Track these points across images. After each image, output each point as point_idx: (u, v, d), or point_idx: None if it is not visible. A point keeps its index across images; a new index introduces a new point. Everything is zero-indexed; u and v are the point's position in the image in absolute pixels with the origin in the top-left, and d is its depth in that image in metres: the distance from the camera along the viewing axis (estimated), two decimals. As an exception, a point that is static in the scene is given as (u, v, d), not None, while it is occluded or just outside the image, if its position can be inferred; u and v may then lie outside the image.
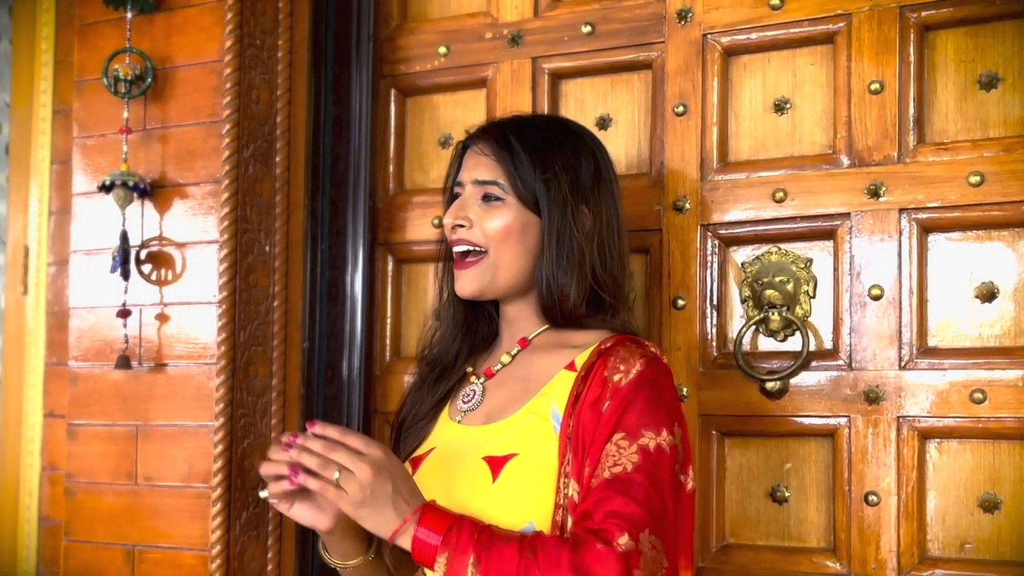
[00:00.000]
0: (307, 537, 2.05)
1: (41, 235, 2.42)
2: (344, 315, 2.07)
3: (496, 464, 1.33)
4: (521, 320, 1.48)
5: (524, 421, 1.36)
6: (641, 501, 1.23)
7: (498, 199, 1.42)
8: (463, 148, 1.51)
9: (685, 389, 1.77)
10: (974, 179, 1.64)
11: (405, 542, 1.22)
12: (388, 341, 2.07)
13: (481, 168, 1.44)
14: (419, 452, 1.46)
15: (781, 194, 1.75)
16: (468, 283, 1.44)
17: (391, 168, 2.10)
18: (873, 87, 1.71)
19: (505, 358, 1.47)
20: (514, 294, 1.46)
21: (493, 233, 1.42)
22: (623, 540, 1.20)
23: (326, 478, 1.21)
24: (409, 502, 1.23)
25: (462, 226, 1.43)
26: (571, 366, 1.38)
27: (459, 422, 1.45)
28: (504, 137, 1.44)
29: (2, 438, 2.46)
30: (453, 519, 1.23)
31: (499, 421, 1.40)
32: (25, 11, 2.48)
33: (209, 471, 1.95)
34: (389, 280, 2.08)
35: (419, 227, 2.05)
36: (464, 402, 1.47)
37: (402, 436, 1.52)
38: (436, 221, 2.02)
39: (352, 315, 2.06)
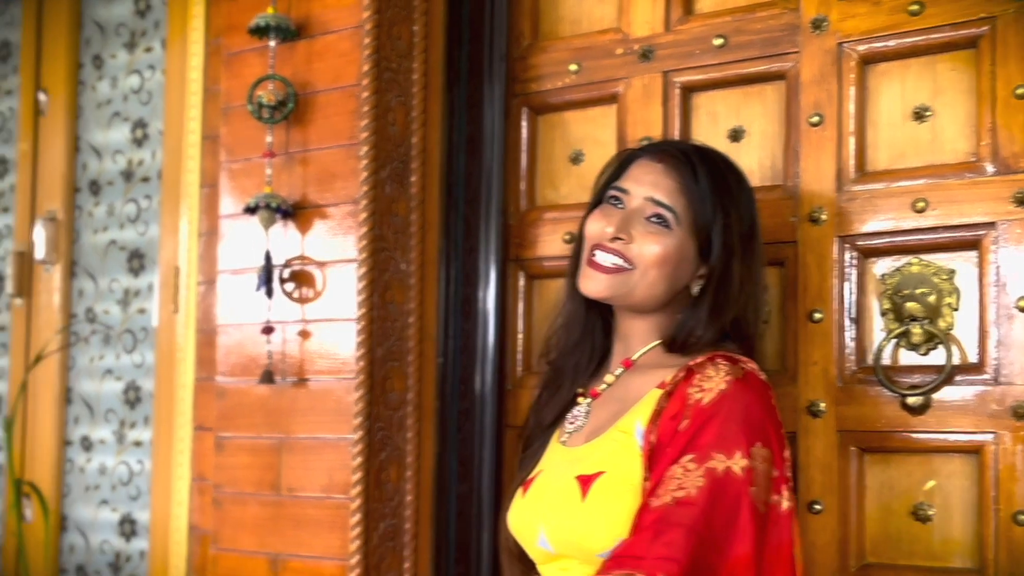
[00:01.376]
0: (442, 550, 2.13)
1: (191, 256, 2.57)
2: (477, 330, 2.14)
3: (585, 482, 1.36)
4: (634, 337, 1.51)
5: (612, 440, 1.40)
6: (698, 532, 1.23)
7: (667, 225, 1.44)
8: (631, 156, 1.54)
9: (823, 404, 1.77)
10: None
11: None
12: (520, 356, 2.14)
13: (661, 189, 1.45)
14: (532, 473, 1.52)
15: (922, 204, 1.73)
16: (599, 285, 1.45)
17: (522, 185, 2.17)
18: (1019, 92, 1.68)
19: (609, 378, 1.51)
20: (637, 311, 1.49)
21: (650, 257, 1.43)
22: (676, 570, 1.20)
23: None
24: None
25: (622, 239, 1.45)
26: (662, 384, 1.41)
27: (564, 443, 1.50)
28: (691, 166, 1.46)
29: (155, 450, 2.63)
30: None
31: (592, 441, 1.44)
32: (176, 43, 2.66)
33: (348, 483, 2.05)
34: (520, 295, 2.15)
35: (550, 243, 2.11)
36: (570, 423, 1.51)
37: (523, 461, 1.58)
38: (567, 237, 2.07)
39: (484, 330, 2.13)
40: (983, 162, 1.71)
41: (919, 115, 1.78)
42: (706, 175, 1.45)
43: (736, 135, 1.94)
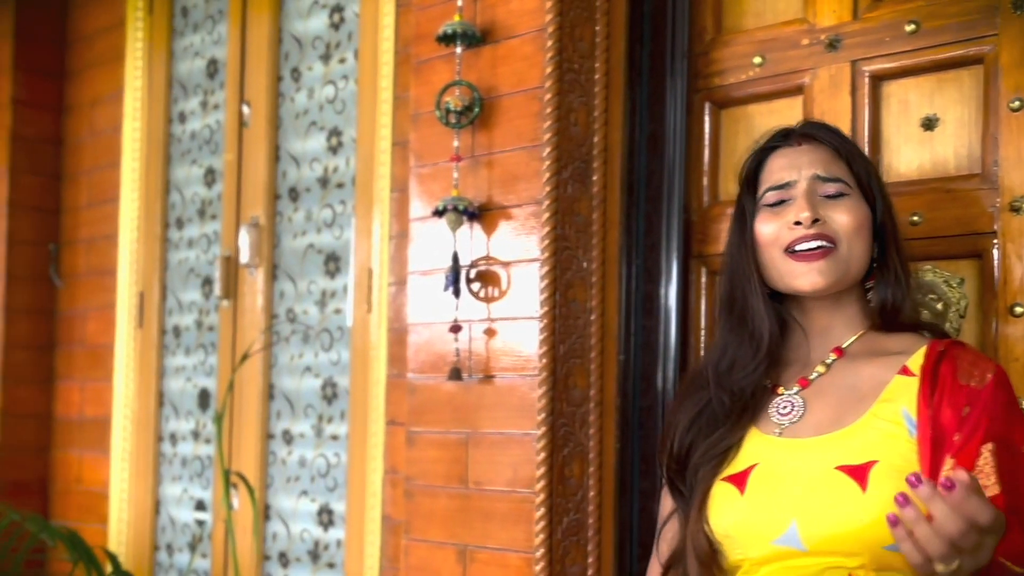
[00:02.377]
0: (625, 545, 2.16)
1: (383, 258, 2.70)
2: (658, 327, 2.16)
3: (857, 473, 1.32)
4: (833, 328, 1.49)
5: (873, 428, 1.36)
6: None
7: (843, 195, 1.46)
8: (759, 158, 1.55)
9: (1025, 403, 1.70)
10: None
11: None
12: (702, 353, 2.14)
13: (819, 164, 1.47)
14: (736, 470, 1.44)
15: None
16: (819, 276, 1.43)
17: (705, 181, 2.17)
18: None
19: (820, 368, 1.48)
20: (835, 296, 1.48)
21: (847, 228, 1.45)
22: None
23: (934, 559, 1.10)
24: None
25: (819, 220, 1.44)
26: (905, 371, 1.39)
27: (779, 435, 1.44)
28: (831, 131, 1.52)
29: (350, 443, 2.78)
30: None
31: (838, 431, 1.39)
32: (368, 54, 2.80)
33: (532, 477, 2.11)
34: (703, 292, 2.15)
35: (734, 239, 2.11)
36: (781, 414, 1.46)
37: (692, 467, 1.48)
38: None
39: (666, 327, 2.15)
40: None
41: None
42: (839, 139, 1.52)
43: (930, 123, 1.89)
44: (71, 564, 2.49)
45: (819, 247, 1.44)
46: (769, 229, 1.48)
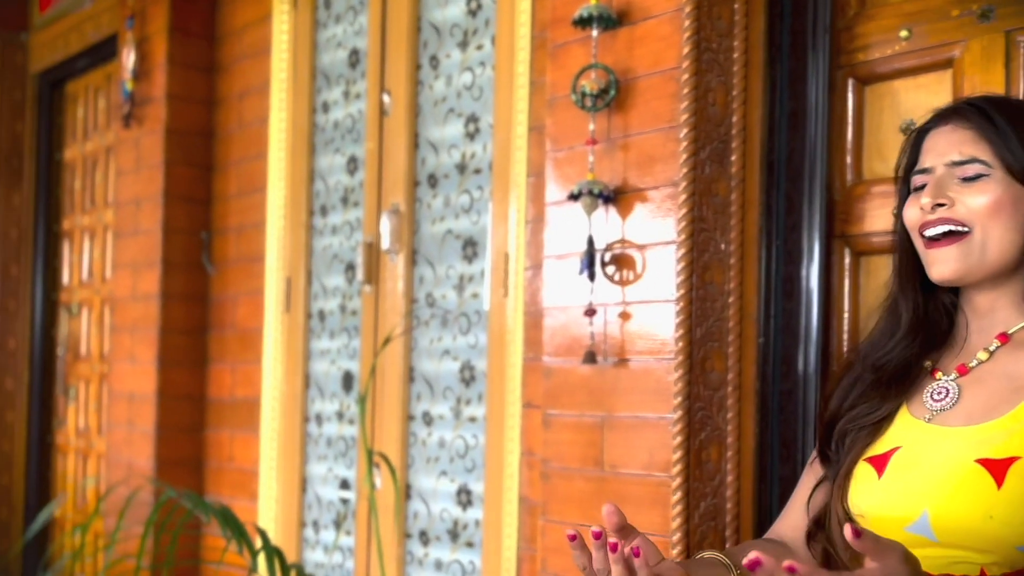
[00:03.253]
0: (764, 531, 2.13)
1: (519, 242, 2.74)
2: (799, 310, 2.12)
3: (997, 468, 1.29)
4: (997, 311, 1.44)
5: (1020, 422, 1.32)
6: None
7: (981, 176, 1.40)
8: (920, 134, 1.51)
9: None
10: None
11: None
12: (846, 336, 2.09)
13: (955, 148, 1.42)
14: (879, 451, 1.43)
15: None
16: (948, 264, 1.41)
17: (848, 159, 2.12)
18: None
19: (982, 354, 1.43)
20: (993, 279, 1.42)
21: (980, 209, 1.39)
22: None
23: None
24: None
25: (942, 204, 1.41)
26: None
27: (928, 420, 1.42)
28: (981, 111, 1.43)
29: (488, 425, 2.83)
30: None
31: (987, 422, 1.35)
32: (504, 39, 2.83)
33: (668, 461, 2.11)
34: (846, 273, 2.11)
35: (878, 218, 2.05)
36: (934, 399, 1.43)
37: (837, 441, 1.50)
38: (896, 212, 2.01)
39: (808, 310, 2.11)
40: None
41: None
42: (1001, 113, 1.41)
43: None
44: (224, 539, 2.62)
45: (947, 232, 1.41)
46: (912, 213, 1.47)
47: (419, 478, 3.07)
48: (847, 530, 1.09)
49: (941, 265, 1.41)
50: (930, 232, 1.42)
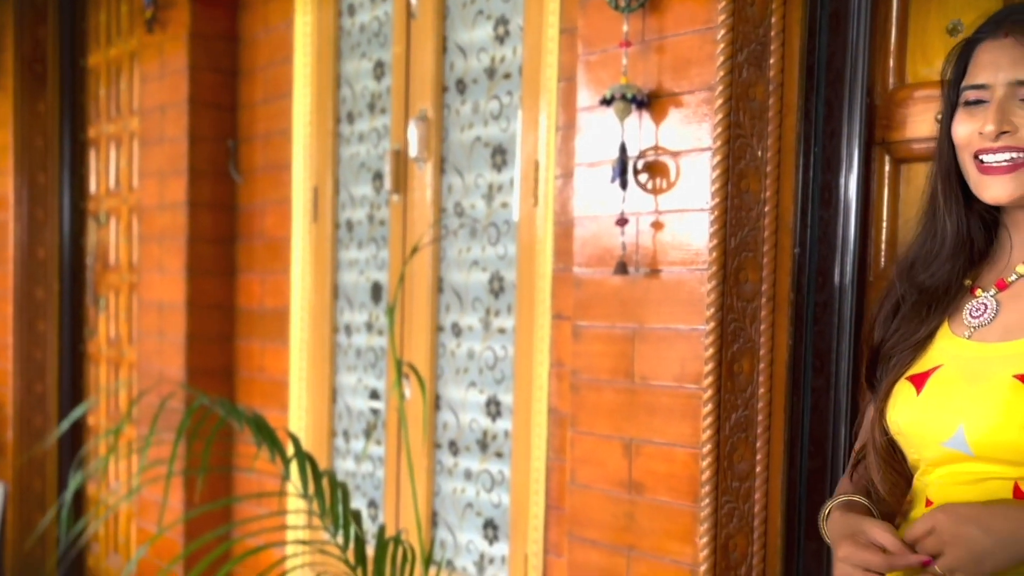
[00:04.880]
0: (796, 442, 2.14)
1: (549, 149, 2.71)
2: (837, 219, 2.10)
3: None
4: None
5: None
6: None
7: None
8: (970, 44, 1.44)
9: None
10: None
11: None
12: (884, 246, 2.07)
13: (1020, 64, 1.36)
14: (920, 369, 1.44)
15: None
16: (1007, 187, 1.38)
17: (891, 62, 2.07)
18: None
19: (1021, 268, 1.42)
20: None
21: None
22: None
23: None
24: (1004, 515, 1.24)
25: (1007, 131, 1.36)
26: None
27: (968, 337, 1.41)
28: None
29: (517, 337, 2.84)
30: None
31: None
32: (535, -62, 2.77)
33: (700, 373, 2.11)
34: (886, 181, 2.07)
35: (921, 123, 2.01)
36: (973, 316, 1.42)
37: (882, 364, 1.50)
38: (943, 123, 1.97)
39: (845, 219, 2.09)
40: None
41: None
42: None
43: None
44: (255, 447, 2.67)
45: (1010, 159, 1.37)
46: (964, 131, 1.42)
47: (448, 389, 3.11)
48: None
49: (997, 189, 1.38)
50: (990, 159, 1.38)
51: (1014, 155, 1.37)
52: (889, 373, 1.48)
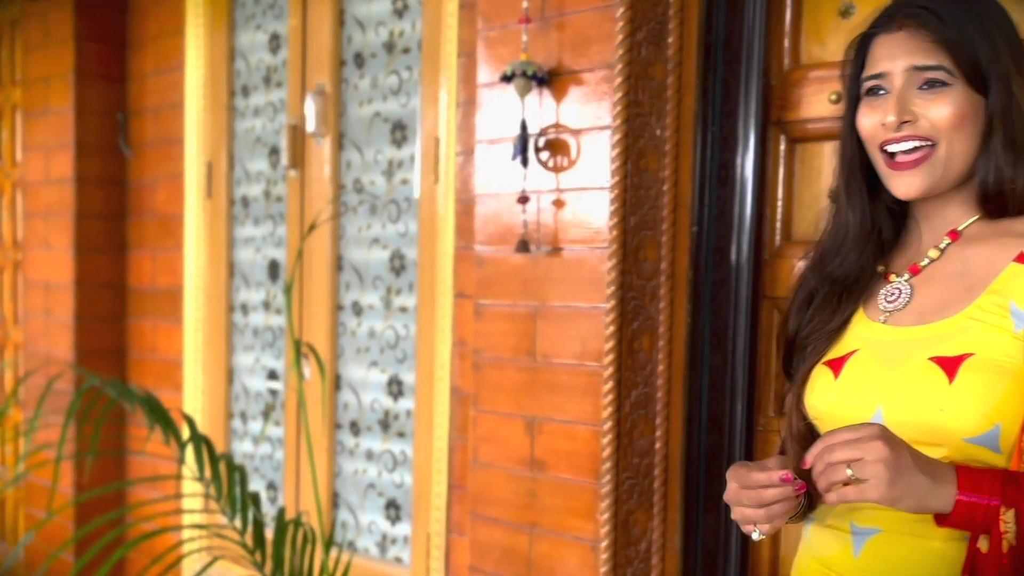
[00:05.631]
0: (694, 419, 2.19)
1: (450, 126, 2.69)
2: (733, 198, 2.14)
3: (949, 365, 1.31)
4: (948, 209, 1.44)
5: (975, 319, 1.34)
6: None
7: (943, 84, 1.36)
8: (866, 38, 1.45)
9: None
10: None
11: (947, 504, 1.21)
12: (779, 224, 2.11)
13: (917, 53, 1.37)
14: (837, 354, 1.46)
15: None
16: (916, 183, 1.39)
17: (786, 42, 2.11)
18: None
19: (933, 252, 1.44)
20: (950, 188, 1.42)
21: (945, 122, 1.36)
22: None
23: (839, 482, 1.21)
24: (933, 464, 1.23)
25: (907, 121, 1.38)
26: (1021, 258, 1.34)
27: (884, 322, 1.44)
28: (935, 12, 1.37)
29: (419, 315, 2.83)
30: (1000, 474, 1.23)
31: (940, 320, 1.37)
32: (434, -90, 2.74)
33: (601, 351, 2.14)
34: (781, 161, 2.12)
35: (815, 104, 2.05)
36: (888, 301, 1.44)
37: (797, 354, 1.52)
38: (834, 97, 2.01)
39: (742, 198, 2.13)
40: None
41: None
42: (952, 12, 1.37)
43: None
44: (148, 429, 2.61)
45: (915, 148, 1.38)
46: (868, 123, 1.43)
47: (349, 368, 3.08)
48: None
49: (907, 185, 1.40)
50: (894, 148, 1.40)
51: (918, 143, 1.38)
52: (805, 360, 1.50)
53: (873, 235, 1.50)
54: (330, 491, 3.12)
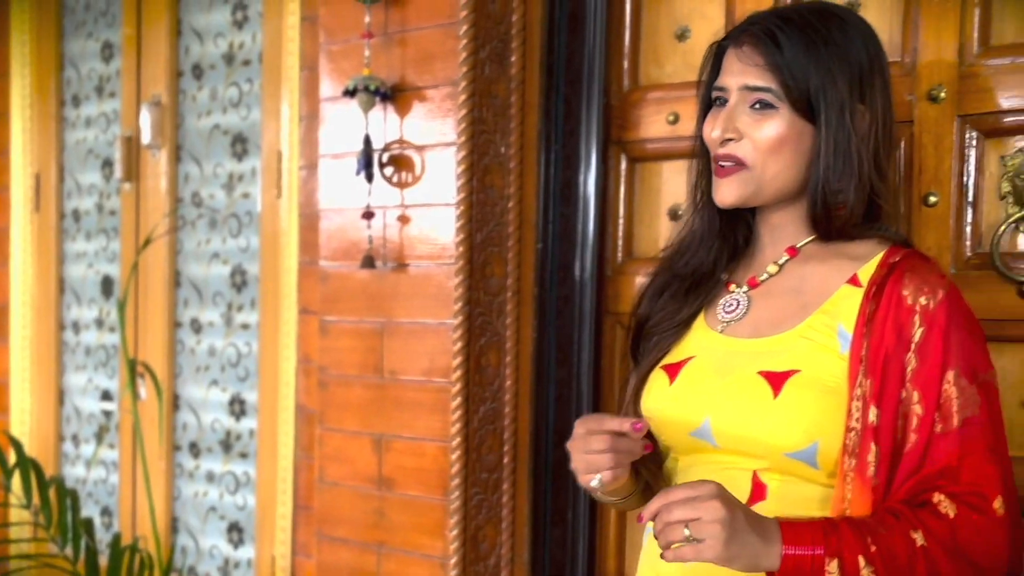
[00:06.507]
0: (541, 432, 2.22)
1: (292, 140, 2.66)
2: (577, 215, 2.18)
3: (776, 380, 1.35)
4: (787, 225, 1.48)
5: (805, 338, 1.38)
6: (1002, 454, 1.28)
7: (770, 107, 1.40)
8: (721, 48, 1.50)
9: (935, 293, 1.77)
10: None
11: (775, 562, 1.24)
12: (620, 241, 2.17)
13: (750, 73, 1.42)
14: (673, 359, 1.50)
15: (1051, 80, 1.69)
16: (728, 191, 1.44)
17: (625, 64, 2.17)
18: None
19: (772, 268, 1.48)
20: (781, 201, 1.47)
21: (765, 145, 1.41)
22: (998, 504, 1.25)
23: (677, 541, 1.22)
24: (762, 521, 1.25)
25: (731, 139, 1.43)
26: (854, 280, 1.39)
27: (720, 331, 1.48)
28: (772, 36, 1.41)
29: (261, 332, 2.78)
30: (821, 524, 1.26)
31: (774, 335, 1.42)
32: (274, -79, 2.70)
33: (448, 367, 2.15)
34: (622, 179, 2.17)
35: (653, 124, 2.12)
36: (726, 311, 1.49)
37: (644, 341, 1.56)
38: (672, 118, 2.08)
39: (585, 215, 2.17)
40: (1122, 34, 1.65)
41: (1053, -17, 1.72)
42: (792, 38, 1.39)
43: (851, 5, 1.90)
44: (-29, 456, 2.48)
45: (731, 166, 1.43)
46: (706, 131, 1.47)
47: (188, 388, 3.00)
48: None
49: (722, 192, 1.45)
50: (720, 162, 1.45)
51: (734, 162, 1.43)
52: (649, 354, 1.53)
53: (718, 237, 1.54)
54: (169, 515, 3.02)
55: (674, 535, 1.21)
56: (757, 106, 1.41)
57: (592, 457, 1.36)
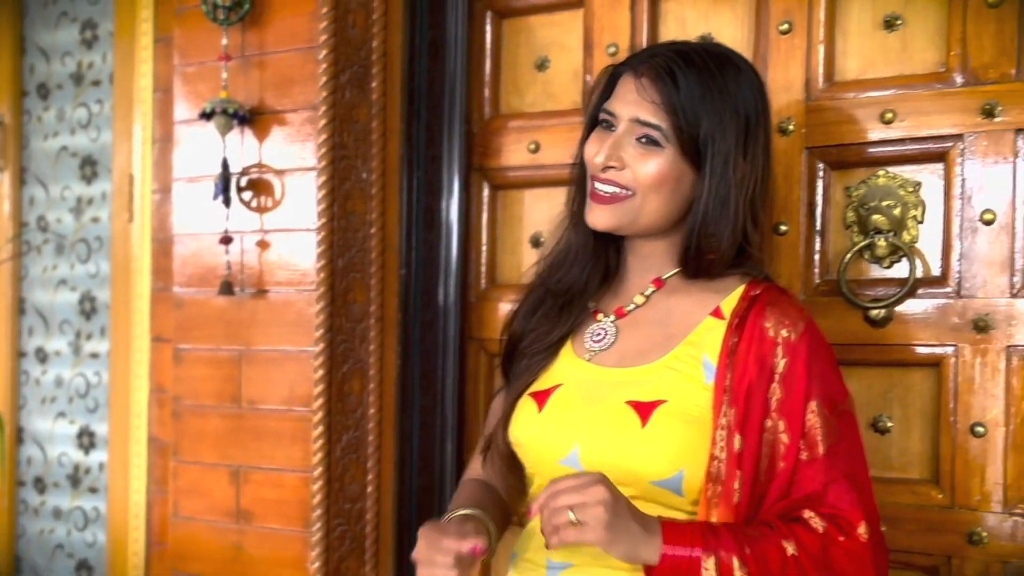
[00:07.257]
0: (406, 461, 2.20)
1: (145, 163, 2.58)
2: (440, 241, 2.18)
3: (643, 410, 1.37)
4: (655, 257, 1.50)
5: (671, 369, 1.41)
6: (863, 480, 1.33)
7: (657, 144, 1.41)
8: (617, 72, 1.50)
9: (786, 317, 1.83)
10: (1099, 96, 1.64)
11: (654, 556, 1.27)
12: (484, 268, 2.18)
13: (644, 108, 1.42)
14: (542, 386, 1.50)
15: (890, 115, 1.77)
16: (604, 218, 1.45)
17: (487, 92, 2.18)
18: (991, 0, 1.71)
19: (639, 298, 1.50)
20: (651, 234, 1.48)
21: (646, 179, 1.42)
22: (862, 530, 1.30)
23: (562, 524, 1.25)
24: (645, 516, 1.29)
25: (613, 167, 1.43)
26: (717, 313, 1.42)
27: (588, 360, 1.48)
28: (672, 75, 1.41)
29: (112, 361, 2.67)
30: (700, 526, 1.30)
31: (641, 365, 1.44)
32: (125, -62, 2.62)
33: (310, 395, 2.11)
34: (484, 206, 2.18)
35: (514, 152, 2.14)
36: (594, 340, 1.50)
37: (516, 361, 1.55)
38: (532, 146, 2.10)
39: (447, 241, 2.17)
40: (952, 73, 1.75)
41: (889, 24, 1.80)
42: (690, 81, 1.41)
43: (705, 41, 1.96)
44: None
45: (611, 194, 1.44)
46: (588, 151, 1.47)
47: (33, 420, 2.86)
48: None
49: (597, 216, 1.46)
50: (599, 186, 1.46)
51: (616, 190, 1.45)
52: (519, 378, 1.53)
53: (591, 257, 1.55)
54: (12, 554, 2.87)
55: (559, 518, 1.24)
56: (644, 140, 1.42)
57: (439, 572, 1.36)
